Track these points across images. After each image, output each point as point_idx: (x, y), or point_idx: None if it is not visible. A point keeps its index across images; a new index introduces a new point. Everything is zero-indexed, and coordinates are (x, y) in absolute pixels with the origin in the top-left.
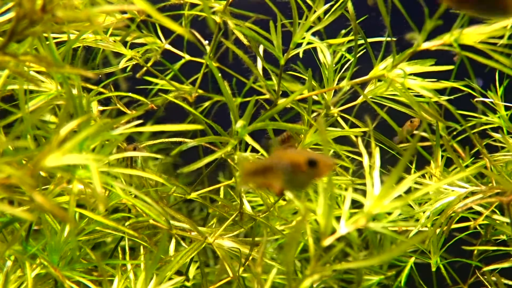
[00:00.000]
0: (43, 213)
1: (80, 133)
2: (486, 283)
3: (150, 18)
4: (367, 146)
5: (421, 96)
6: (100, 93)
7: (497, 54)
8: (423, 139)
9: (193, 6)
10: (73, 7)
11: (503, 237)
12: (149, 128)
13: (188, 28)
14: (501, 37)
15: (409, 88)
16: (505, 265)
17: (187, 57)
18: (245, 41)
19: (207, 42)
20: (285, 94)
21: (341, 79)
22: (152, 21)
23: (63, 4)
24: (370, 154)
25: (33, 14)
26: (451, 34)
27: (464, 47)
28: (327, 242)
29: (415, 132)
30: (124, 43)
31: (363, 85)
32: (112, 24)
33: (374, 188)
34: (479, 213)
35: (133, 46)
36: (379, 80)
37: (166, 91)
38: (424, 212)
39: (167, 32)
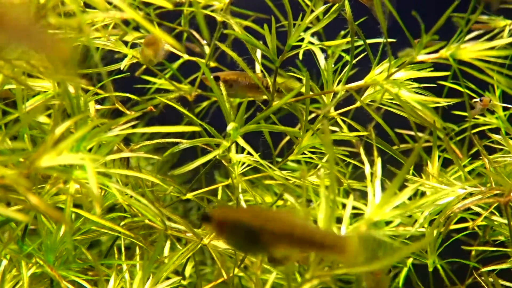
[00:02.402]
0: (39, 213)
1: (75, 133)
2: (484, 284)
3: (149, 16)
4: (367, 148)
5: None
6: (98, 93)
7: (493, 72)
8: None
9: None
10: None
11: (502, 238)
12: (146, 130)
13: (187, 27)
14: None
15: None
16: (503, 266)
17: (186, 57)
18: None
19: (205, 42)
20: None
21: (340, 79)
22: (151, 19)
23: (57, 9)
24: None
25: None
26: (448, 49)
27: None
28: None
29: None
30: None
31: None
32: (108, 31)
33: (376, 196)
34: (478, 214)
35: (132, 45)
36: None
37: (165, 90)
38: (422, 213)
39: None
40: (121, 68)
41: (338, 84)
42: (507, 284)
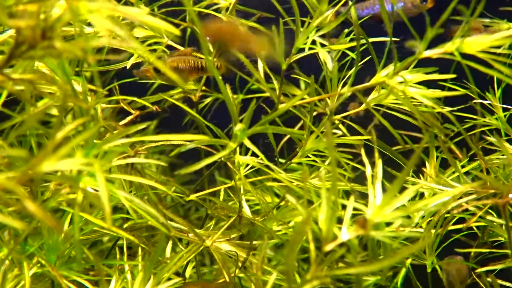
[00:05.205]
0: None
1: (76, 137)
2: (482, 285)
3: (153, 12)
4: (366, 149)
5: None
6: (106, 96)
7: (498, 64)
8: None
9: (197, 1)
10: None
11: (501, 239)
12: (152, 138)
13: (192, 24)
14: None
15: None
16: (499, 266)
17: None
18: None
19: None
20: (285, 95)
21: (344, 80)
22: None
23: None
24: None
25: (32, 41)
26: (453, 43)
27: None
28: (328, 247)
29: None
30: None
31: (366, 90)
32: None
33: (376, 198)
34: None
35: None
36: (383, 88)
37: (168, 87)
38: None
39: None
40: (127, 67)
41: (342, 85)
42: (507, 284)
